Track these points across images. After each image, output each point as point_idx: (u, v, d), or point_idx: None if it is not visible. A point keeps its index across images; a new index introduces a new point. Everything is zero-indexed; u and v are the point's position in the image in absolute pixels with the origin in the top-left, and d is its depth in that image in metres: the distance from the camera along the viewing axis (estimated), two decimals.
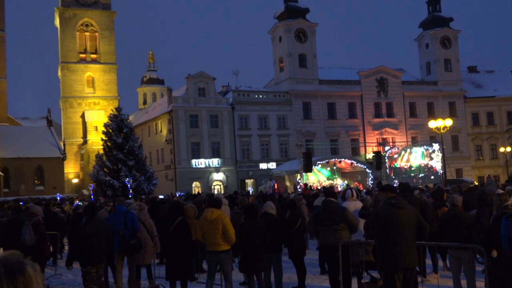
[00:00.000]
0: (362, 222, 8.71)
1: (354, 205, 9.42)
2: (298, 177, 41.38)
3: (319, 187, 34.38)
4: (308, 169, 39.15)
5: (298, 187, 37.93)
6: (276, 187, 40.91)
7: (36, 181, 49.69)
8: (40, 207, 12.25)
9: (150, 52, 79.03)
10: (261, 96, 52.71)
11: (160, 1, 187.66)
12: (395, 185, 13.72)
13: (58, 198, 30.77)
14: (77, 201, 26.15)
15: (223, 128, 49.80)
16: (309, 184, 35.49)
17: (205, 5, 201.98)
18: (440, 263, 11.24)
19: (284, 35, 54.59)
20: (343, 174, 45.05)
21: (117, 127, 40.78)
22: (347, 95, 55.12)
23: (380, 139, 53.91)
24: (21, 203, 16.19)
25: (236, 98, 51.04)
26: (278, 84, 55.57)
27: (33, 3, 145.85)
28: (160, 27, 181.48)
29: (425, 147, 47.15)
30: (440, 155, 43.20)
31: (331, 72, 57.01)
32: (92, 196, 36.53)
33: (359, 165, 45.20)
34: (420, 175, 44.91)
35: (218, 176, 49.31)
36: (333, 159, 44.72)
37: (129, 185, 35.83)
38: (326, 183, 40.72)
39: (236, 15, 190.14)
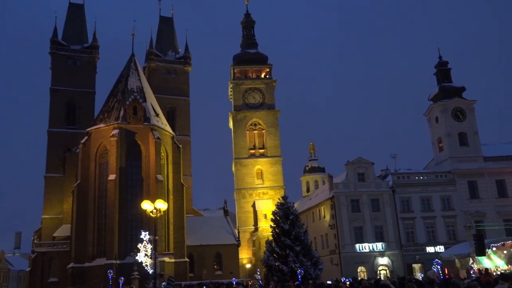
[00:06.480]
0: None
1: None
2: (471, 261, 37.04)
3: (497, 273, 30.22)
4: (480, 252, 34.87)
5: (471, 272, 33.87)
6: (446, 272, 37.09)
7: (215, 266, 52.49)
8: None
9: (311, 143, 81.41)
10: (421, 177, 50.06)
11: (318, 95, 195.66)
12: None
13: (234, 283, 31.90)
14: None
15: (385, 211, 47.91)
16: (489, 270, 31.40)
17: (359, 94, 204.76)
18: None
19: (441, 116, 52.25)
20: None
21: (284, 214, 41.75)
22: None
23: None
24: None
25: (396, 181, 49.21)
26: (438, 164, 52.43)
27: (210, 110, 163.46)
28: (318, 118, 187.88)
29: None
30: None
31: (496, 148, 52.05)
32: (261, 281, 37.16)
33: None
34: None
35: (383, 261, 46.70)
36: (510, 241, 39.31)
37: (299, 276, 35.56)
38: (505, 267, 35.64)
39: (389, 100, 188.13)
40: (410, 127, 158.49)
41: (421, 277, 37.03)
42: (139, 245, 26.26)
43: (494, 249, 38.01)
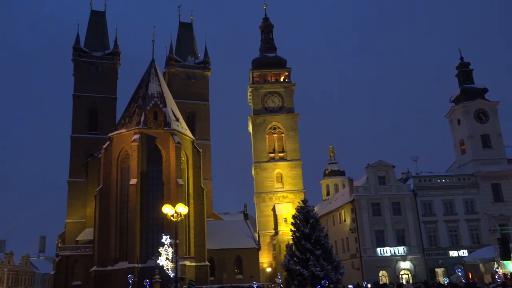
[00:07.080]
0: None
1: None
2: (495, 265, 36.31)
3: None
4: (505, 256, 34.26)
5: (496, 276, 33.19)
6: (470, 276, 36.43)
7: (236, 270, 52.39)
8: None
9: (330, 147, 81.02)
10: (444, 180, 49.30)
11: (333, 97, 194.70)
12: None
13: (255, 286, 31.86)
14: None
15: (406, 215, 47.32)
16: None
17: (379, 97, 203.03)
18: None
19: (463, 118, 51.44)
20: None
21: (304, 218, 41.58)
22: None
23: None
24: None
25: (418, 184, 48.57)
26: (461, 167, 51.58)
27: (230, 114, 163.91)
28: (338, 121, 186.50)
29: None
30: None
31: None
32: (282, 286, 36.99)
33: None
34: None
35: (405, 265, 46.08)
36: None
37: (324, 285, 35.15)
38: None
39: (408, 101, 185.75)
40: (431, 129, 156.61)
41: (446, 282, 36.37)
42: (160, 249, 26.49)
43: None
